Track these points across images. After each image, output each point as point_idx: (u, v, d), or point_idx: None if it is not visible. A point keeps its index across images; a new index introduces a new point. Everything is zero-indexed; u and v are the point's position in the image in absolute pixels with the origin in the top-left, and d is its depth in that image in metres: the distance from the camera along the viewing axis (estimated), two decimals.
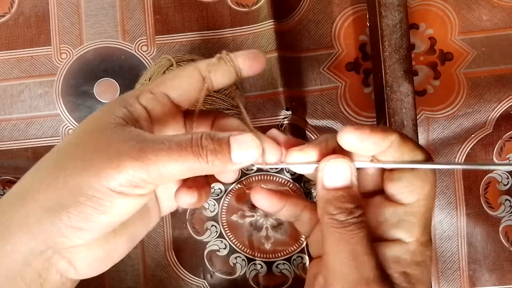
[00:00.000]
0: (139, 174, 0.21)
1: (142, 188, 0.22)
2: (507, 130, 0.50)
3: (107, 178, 0.21)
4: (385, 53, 0.44)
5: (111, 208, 0.22)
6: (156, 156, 0.22)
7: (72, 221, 0.21)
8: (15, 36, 0.53)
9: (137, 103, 0.25)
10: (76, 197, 0.21)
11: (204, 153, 0.22)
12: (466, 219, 0.50)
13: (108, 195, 0.21)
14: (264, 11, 0.51)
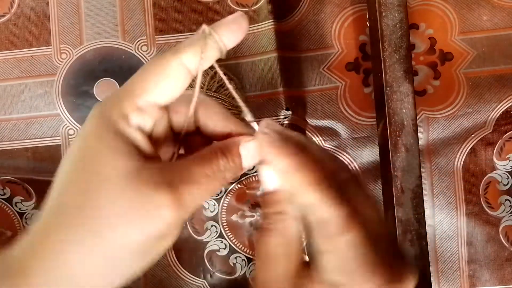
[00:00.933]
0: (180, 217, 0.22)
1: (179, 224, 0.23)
2: (507, 130, 0.50)
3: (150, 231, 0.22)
4: (385, 53, 0.44)
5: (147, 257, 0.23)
6: (192, 196, 0.22)
7: None
8: (15, 36, 0.53)
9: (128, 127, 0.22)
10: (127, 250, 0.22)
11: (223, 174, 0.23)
12: (466, 219, 0.50)
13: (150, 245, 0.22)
14: (264, 11, 0.51)
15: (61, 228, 0.21)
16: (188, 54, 0.23)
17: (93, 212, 0.21)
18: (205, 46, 0.23)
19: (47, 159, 0.52)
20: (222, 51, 0.24)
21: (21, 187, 0.52)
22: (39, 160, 0.52)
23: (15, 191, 0.52)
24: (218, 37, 0.23)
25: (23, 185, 0.52)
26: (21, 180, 0.52)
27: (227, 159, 0.24)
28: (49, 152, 0.52)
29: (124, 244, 0.21)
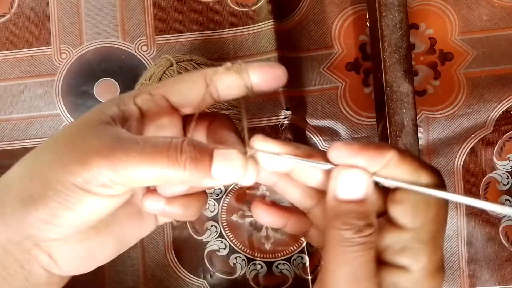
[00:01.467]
0: (106, 173, 0.20)
1: (110, 188, 0.21)
2: (507, 130, 0.50)
3: (73, 174, 0.21)
4: (385, 53, 0.44)
5: (78, 205, 0.21)
6: (127, 156, 0.20)
7: (40, 214, 0.21)
8: (15, 36, 0.53)
9: (132, 103, 0.24)
10: (45, 190, 0.21)
11: (183, 159, 0.21)
12: (466, 219, 0.50)
13: (74, 191, 0.21)
14: (264, 11, 0.51)
15: (22, 161, 0.23)
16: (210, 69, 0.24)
17: (42, 147, 0.23)
18: (229, 70, 0.24)
19: None
20: (246, 84, 0.24)
21: None
22: None
23: None
24: (244, 68, 0.23)
25: None
26: None
27: (194, 148, 0.21)
28: None
29: (48, 181, 0.21)
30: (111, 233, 0.25)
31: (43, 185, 0.21)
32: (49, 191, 0.21)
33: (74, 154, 0.21)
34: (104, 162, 0.20)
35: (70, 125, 0.24)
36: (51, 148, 0.23)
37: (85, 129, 0.22)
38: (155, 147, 0.21)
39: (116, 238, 0.25)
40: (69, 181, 0.21)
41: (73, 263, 0.24)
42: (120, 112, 0.23)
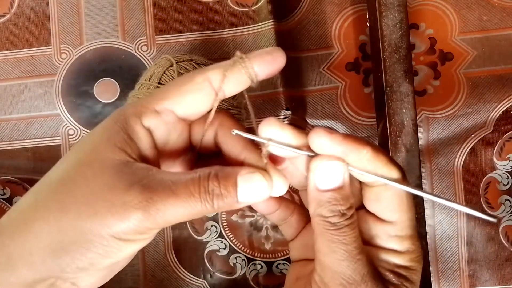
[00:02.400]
0: (145, 224, 0.21)
1: (147, 234, 0.22)
2: (507, 130, 0.50)
3: (111, 228, 0.21)
4: (385, 53, 0.44)
5: (116, 254, 0.22)
6: (164, 205, 0.21)
7: (77, 264, 0.21)
8: (15, 36, 0.53)
9: (140, 125, 0.23)
10: (81, 243, 0.21)
11: (211, 197, 0.22)
12: (466, 219, 0.50)
13: (113, 242, 0.21)
14: (264, 11, 0.51)
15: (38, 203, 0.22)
16: (214, 71, 0.23)
17: (67, 194, 0.22)
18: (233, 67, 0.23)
19: (47, 159, 0.52)
20: (252, 78, 0.23)
21: (21, 187, 0.52)
22: (39, 160, 0.52)
23: (15, 191, 0.52)
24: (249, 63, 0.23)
25: (23, 185, 0.52)
26: (21, 180, 0.52)
27: (219, 183, 0.22)
28: (49, 152, 0.52)
29: (85, 234, 0.21)
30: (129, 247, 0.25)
31: (78, 238, 0.21)
32: (86, 244, 0.21)
33: (110, 207, 0.21)
34: (143, 215, 0.21)
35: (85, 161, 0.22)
36: (77, 196, 0.22)
37: (109, 173, 0.22)
38: (188, 191, 0.22)
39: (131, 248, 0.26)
40: (108, 233, 0.21)
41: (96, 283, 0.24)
42: (132, 143, 0.23)
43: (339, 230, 0.23)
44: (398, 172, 0.23)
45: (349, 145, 0.22)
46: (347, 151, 0.23)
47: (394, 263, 0.24)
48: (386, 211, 0.24)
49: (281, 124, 0.23)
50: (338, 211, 0.23)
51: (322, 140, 0.22)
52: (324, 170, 0.23)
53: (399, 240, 0.24)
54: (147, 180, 0.22)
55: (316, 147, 0.23)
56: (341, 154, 0.23)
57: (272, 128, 0.23)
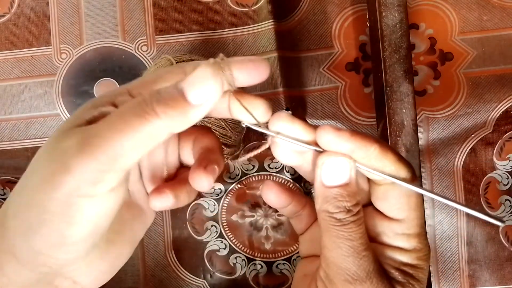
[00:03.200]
0: (90, 166, 0.19)
1: (103, 181, 0.20)
2: (507, 130, 0.50)
3: (61, 185, 0.19)
4: (385, 53, 0.44)
5: (80, 216, 0.20)
6: (100, 138, 0.19)
7: (48, 240, 0.20)
8: (15, 36, 0.53)
9: (111, 104, 0.22)
10: (41, 215, 0.20)
11: (149, 107, 0.20)
12: (466, 219, 0.50)
13: (71, 203, 0.19)
14: (264, 11, 0.51)
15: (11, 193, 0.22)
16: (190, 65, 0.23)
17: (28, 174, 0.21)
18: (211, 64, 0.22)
19: None
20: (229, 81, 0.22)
21: None
22: None
23: None
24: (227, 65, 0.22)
25: None
26: None
27: (156, 93, 0.20)
28: None
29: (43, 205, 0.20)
30: (125, 239, 0.25)
31: (39, 210, 0.20)
32: (46, 214, 0.20)
33: (53, 166, 0.20)
34: (82, 156, 0.19)
35: (47, 140, 0.22)
36: (34, 168, 0.21)
37: (58, 138, 0.21)
38: (121, 115, 0.20)
39: (130, 242, 0.26)
40: (61, 194, 0.19)
41: (97, 279, 0.24)
42: (99, 114, 0.22)
43: (345, 226, 0.23)
44: (407, 171, 0.23)
45: (356, 142, 0.22)
46: (354, 148, 0.22)
47: (401, 261, 0.24)
48: (394, 209, 0.24)
49: (291, 118, 0.23)
50: (344, 207, 0.23)
51: (329, 137, 0.22)
52: (331, 166, 0.23)
53: (406, 238, 0.24)
54: (87, 129, 0.20)
55: (323, 144, 0.23)
56: (348, 151, 0.23)
57: (282, 122, 0.23)
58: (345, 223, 0.23)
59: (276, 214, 0.51)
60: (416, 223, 0.24)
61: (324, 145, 0.23)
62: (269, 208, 0.51)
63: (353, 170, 0.23)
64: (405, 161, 0.24)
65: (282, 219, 0.51)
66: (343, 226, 0.23)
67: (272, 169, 0.51)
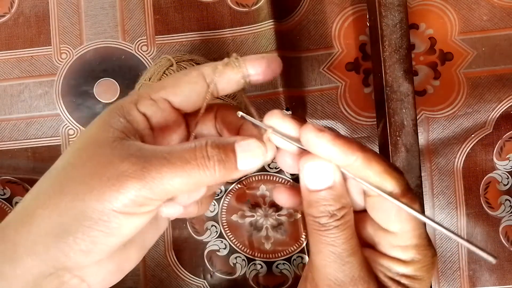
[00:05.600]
0: (143, 194, 0.21)
1: (147, 205, 0.22)
2: (507, 130, 0.50)
3: (110, 201, 0.21)
4: (385, 53, 0.44)
5: (118, 229, 0.21)
6: (160, 173, 0.21)
7: (80, 245, 0.21)
8: (15, 36, 0.53)
9: (136, 110, 0.24)
10: (81, 222, 0.21)
11: (211, 164, 0.22)
12: (466, 219, 0.50)
13: (113, 216, 0.21)
14: (264, 11, 0.51)
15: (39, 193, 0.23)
16: (208, 67, 0.25)
17: (65, 178, 0.22)
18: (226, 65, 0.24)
19: (47, 159, 0.52)
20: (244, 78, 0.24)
21: (21, 187, 0.52)
22: (39, 160, 0.52)
23: (15, 191, 0.52)
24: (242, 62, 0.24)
25: (23, 185, 0.52)
26: (21, 180, 0.52)
27: (218, 149, 0.22)
28: (49, 152, 0.52)
29: (84, 213, 0.21)
30: (136, 244, 0.25)
31: (78, 217, 0.21)
32: (86, 222, 0.21)
33: (106, 181, 0.21)
34: (139, 183, 0.21)
35: (82, 146, 0.23)
36: (74, 177, 0.22)
37: (104, 151, 0.22)
38: (183, 159, 0.21)
39: (140, 247, 0.26)
40: (107, 208, 0.21)
41: (104, 280, 0.24)
42: (128, 124, 0.23)
43: (328, 231, 0.22)
44: (395, 183, 0.22)
45: (337, 147, 0.22)
46: (335, 153, 0.22)
47: (397, 272, 0.23)
48: (385, 221, 0.23)
49: (283, 116, 0.23)
50: (327, 212, 0.22)
51: (309, 136, 0.22)
52: (313, 169, 0.23)
53: (403, 250, 0.23)
54: (141, 152, 0.22)
55: (304, 143, 0.23)
56: (328, 156, 0.22)
57: (274, 118, 0.23)
58: (328, 228, 0.22)
59: (276, 214, 0.51)
60: (412, 235, 0.23)
61: (304, 145, 0.23)
62: (269, 208, 0.51)
63: (337, 173, 0.23)
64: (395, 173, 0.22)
65: (282, 219, 0.51)
66: (326, 231, 0.22)
67: (272, 169, 0.51)
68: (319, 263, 0.23)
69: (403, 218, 0.22)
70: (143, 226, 0.23)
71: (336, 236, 0.22)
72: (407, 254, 0.23)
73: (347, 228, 0.22)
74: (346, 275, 0.22)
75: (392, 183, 0.22)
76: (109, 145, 0.22)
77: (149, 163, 0.21)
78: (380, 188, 0.22)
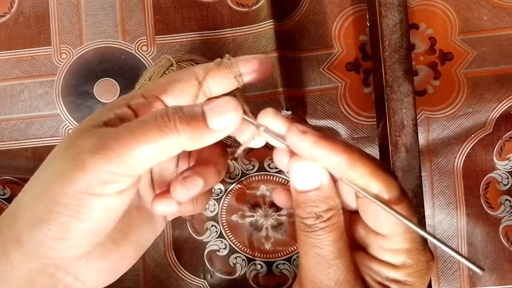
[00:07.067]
0: (105, 168, 0.20)
1: (115, 183, 0.21)
2: (507, 130, 0.50)
3: (74, 181, 0.20)
4: (385, 53, 0.44)
5: (88, 213, 0.21)
6: (118, 143, 0.20)
7: (53, 232, 0.21)
8: (15, 36, 0.53)
9: (126, 106, 0.23)
10: (52, 208, 0.21)
11: (172, 124, 0.21)
12: (466, 219, 0.50)
13: (80, 199, 0.20)
14: (264, 11, 0.51)
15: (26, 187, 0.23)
16: (200, 67, 0.25)
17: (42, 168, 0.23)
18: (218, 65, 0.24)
19: None
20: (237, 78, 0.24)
21: (21, 187, 0.51)
22: (39, 160, 0.52)
23: (15, 191, 0.52)
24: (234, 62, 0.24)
25: (23, 185, 0.51)
26: (21, 180, 0.52)
27: (180, 111, 0.21)
28: (49, 152, 0.52)
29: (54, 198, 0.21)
30: (131, 242, 0.25)
31: (50, 202, 0.21)
32: (56, 207, 0.20)
33: (69, 161, 0.21)
34: (99, 157, 0.20)
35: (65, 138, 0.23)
36: (51, 163, 0.22)
37: (76, 137, 0.22)
38: (142, 124, 0.21)
39: (135, 246, 0.25)
40: (73, 189, 0.20)
41: (98, 279, 0.24)
42: (115, 117, 0.23)
43: (314, 232, 0.22)
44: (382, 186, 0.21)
45: (320, 148, 0.21)
46: (318, 155, 0.21)
47: (386, 276, 0.22)
48: (374, 223, 0.22)
49: (275, 114, 0.23)
50: (314, 213, 0.22)
51: (292, 138, 0.22)
52: (301, 170, 0.22)
53: (393, 253, 0.22)
54: (107, 132, 0.21)
55: (289, 145, 0.22)
56: (311, 157, 0.22)
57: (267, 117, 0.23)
58: (315, 229, 0.22)
59: (276, 214, 0.51)
60: (402, 238, 0.22)
61: (290, 147, 0.22)
62: (269, 208, 0.51)
63: (324, 174, 0.22)
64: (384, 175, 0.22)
65: (282, 219, 0.51)
66: (312, 233, 0.22)
67: (272, 169, 0.51)
68: (305, 264, 0.22)
69: (392, 221, 0.22)
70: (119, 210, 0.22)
71: (322, 238, 0.22)
72: (398, 258, 0.22)
73: (333, 230, 0.22)
74: (330, 278, 0.22)
75: (378, 185, 0.21)
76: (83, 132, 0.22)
77: (112, 139, 0.20)
78: (365, 190, 0.21)
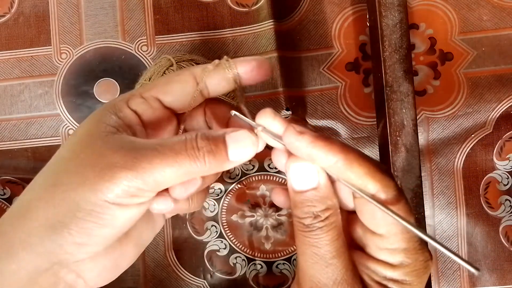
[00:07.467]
0: (134, 184, 0.21)
1: (140, 197, 0.22)
2: (507, 130, 0.50)
3: (102, 191, 0.21)
4: (385, 53, 0.44)
5: (111, 221, 0.22)
6: (150, 164, 0.21)
7: (74, 237, 0.21)
8: (15, 36, 0.53)
9: (127, 107, 0.24)
10: (75, 213, 0.21)
11: (201, 154, 0.22)
12: (466, 219, 0.50)
13: (106, 208, 0.21)
14: (264, 11, 0.51)
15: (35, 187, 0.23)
16: (198, 68, 0.25)
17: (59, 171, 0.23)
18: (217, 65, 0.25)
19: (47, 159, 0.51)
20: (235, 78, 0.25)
21: (21, 187, 0.52)
22: (39, 160, 0.52)
23: (15, 191, 0.52)
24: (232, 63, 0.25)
25: (23, 185, 0.52)
26: (21, 180, 0.52)
27: (208, 141, 0.22)
28: (49, 152, 0.52)
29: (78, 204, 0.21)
30: (132, 240, 0.25)
31: (72, 208, 0.21)
32: (80, 213, 0.21)
33: (98, 171, 0.21)
34: (131, 174, 0.21)
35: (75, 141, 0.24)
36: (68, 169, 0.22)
37: (96, 144, 0.22)
38: (174, 150, 0.22)
39: (136, 244, 0.26)
40: (100, 199, 0.21)
41: (100, 276, 0.24)
42: (120, 120, 0.24)
43: (311, 232, 0.22)
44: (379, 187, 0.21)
45: (317, 149, 0.21)
46: (315, 155, 0.22)
47: (384, 275, 0.23)
48: (371, 223, 0.23)
49: (273, 115, 0.24)
50: (311, 213, 0.22)
51: (289, 139, 0.22)
52: (298, 170, 0.23)
53: (390, 253, 0.23)
54: (133, 144, 0.22)
55: (287, 146, 0.23)
56: (308, 157, 0.22)
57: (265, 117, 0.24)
58: (312, 229, 0.22)
59: (276, 214, 0.51)
60: (400, 238, 0.22)
61: (287, 147, 0.23)
62: (269, 208, 0.51)
63: (321, 175, 0.22)
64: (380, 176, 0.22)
65: (282, 219, 0.51)
66: (310, 232, 0.22)
67: (272, 169, 0.51)
68: (303, 264, 0.23)
69: (389, 221, 0.22)
70: (136, 218, 0.23)
71: (320, 238, 0.22)
72: (395, 258, 0.22)
73: (331, 229, 0.22)
74: (328, 277, 0.22)
75: (375, 185, 0.21)
76: (101, 139, 0.22)
77: (140, 154, 0.21)
78: (362, 190, 0.22)
